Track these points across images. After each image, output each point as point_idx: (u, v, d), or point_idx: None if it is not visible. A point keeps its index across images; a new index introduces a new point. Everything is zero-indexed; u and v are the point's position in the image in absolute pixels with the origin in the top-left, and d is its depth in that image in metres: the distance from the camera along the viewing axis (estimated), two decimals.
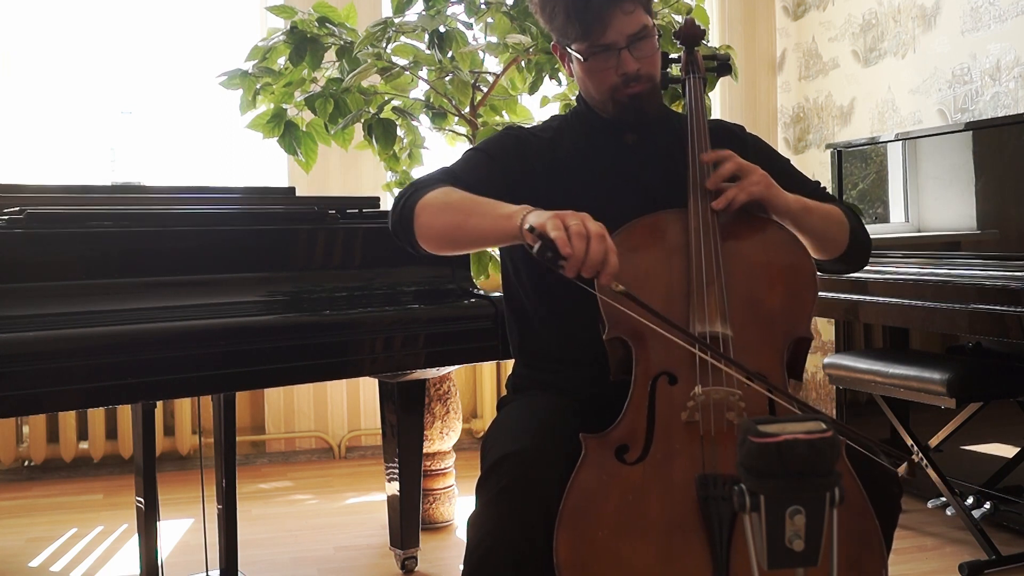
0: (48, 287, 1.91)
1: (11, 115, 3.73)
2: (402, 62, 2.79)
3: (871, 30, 3.76)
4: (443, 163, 1.69)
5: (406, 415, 2.54)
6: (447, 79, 2.82)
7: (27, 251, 1.90)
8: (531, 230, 1.34)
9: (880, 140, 3.26)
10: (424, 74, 2.89)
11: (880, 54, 3.72)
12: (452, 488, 3.05)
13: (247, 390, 3.44)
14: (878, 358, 2.87)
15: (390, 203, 1.69)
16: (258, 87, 2.86)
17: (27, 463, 3.73)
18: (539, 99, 3.06)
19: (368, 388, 3.93)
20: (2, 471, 3.69)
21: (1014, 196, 2.72)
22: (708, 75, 1.79)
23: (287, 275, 2.21)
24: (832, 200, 1.73)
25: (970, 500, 2.76)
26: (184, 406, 3.72)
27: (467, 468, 3.31)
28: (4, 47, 3.72)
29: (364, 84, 2.80)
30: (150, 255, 2.04)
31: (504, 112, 3.07)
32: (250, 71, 2.84)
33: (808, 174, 1.79)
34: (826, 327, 3.97)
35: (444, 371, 2.64)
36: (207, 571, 2.41)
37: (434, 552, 2.78)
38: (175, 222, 2.11)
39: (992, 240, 2.78)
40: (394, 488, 2.56)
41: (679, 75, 1.76)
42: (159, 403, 2.55)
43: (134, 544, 2.56)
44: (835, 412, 3.56)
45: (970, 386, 2.58)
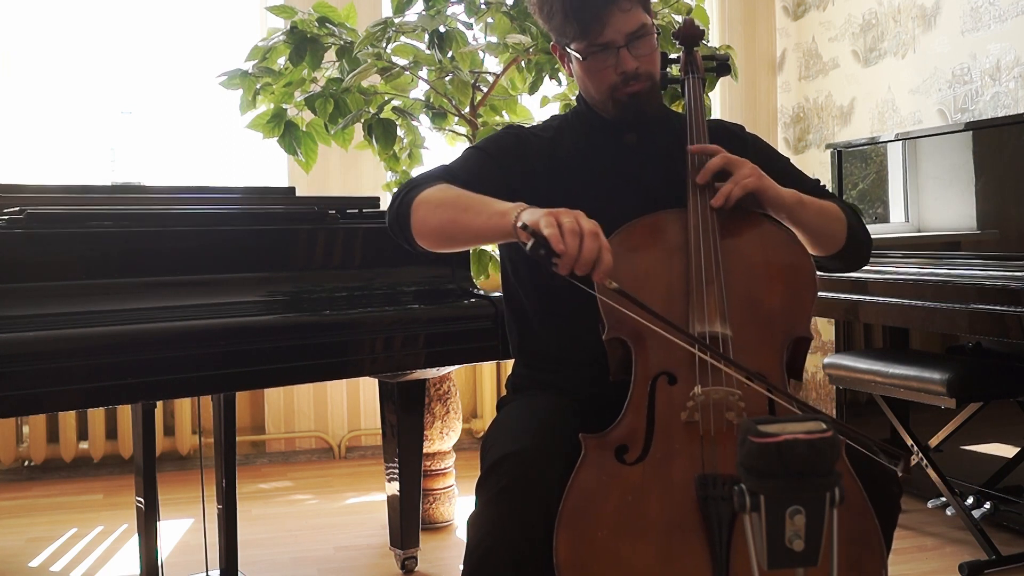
0: (48, 287, 1.91)
1: (11, 115, 3.73)
2: (402, 62, 2.79)
3: (871, 30, 3.76)
4: (443, 163, 1.69)
5: (406, 415, 2.54)
6: (447, 79, 2.82)
7: (27, 251, 1.90)
8: (524, 227, 1.33)
9: (880, 140, 3.26)
10: (424, 74, 2.89)
11: (880, 54, 3.72)
12: (452, 488, 3.05)
13: (247, 390, 3.44)
14: (878, 358, 2.87)
15: None
16: (258, 87, 2.86)
17: (27, 463, 3.73)
18: (539, 99, 3.07)
19: (368, 388, 3.93)
20: (2, 471, 3.69)
21: (1014, 196, 2.72)
22: (707, 75, 1.79)
23: (287, 275, 2.21)
24: (831, 197, 1.73)
25: (970, 500, 2.75)
26: (184, 406, 3.72)
27: (467, 468, 3.31)
28: (4, 47, 3.72)
29: (364, 84, 2.80)
30: (150, 255, 2.05)
31: (504, 112, 3.07)
32: (250, 71, 2.84)
33: (808, 174, 1.79)
34: (826, 327, 3.96)
35: (444, 371, 2.64)
36: (207, 571, 2.41)
37: (434, 552, 2.78)
38: (175, 222, 2.11)
39: (992, 240, 2.78)
40: (394, 488, 2.56)
41: (678, 75, 1.76)
42: (159, 403, 2.56)
43: (134, 544, 2.56)
44: (835, 412, 3.56)
45: (970, 386, 2.58)
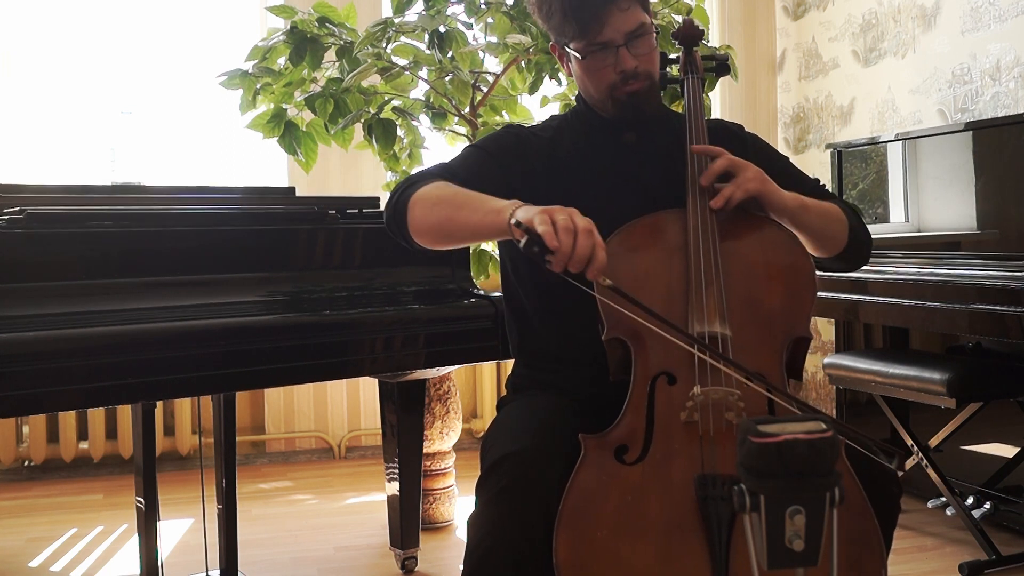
0: (48, 287, 1.91)
1: (11, 115, 3.73)
2: (402, 62, 2.79)
3: (871, 30, 3.76)
4: (442, 161, 1.69)
5: (406, 415, 2.54)
6: (447, 79, 2.82)
7: (27, 251, 1.90)
8: (517, 224, 1.33)
9: (880, 140, 3.26)
10: (424, 74, 2.89)
11: (880, 54, 3.72)
12: (452, 488, 3.05)
13: (247, 390, 3.44)
14: (878, 358, 2.87)
15: None
16: (258, 87, 2.86)
17: (27, 463, 3.73)
18: (539, 99, 3.07)
19: (368, 388, 3.93)
20: (2, 471, 3.69)
21: (1014, 196, 2.72)
22: (707, 75, 1.79)
23: (287, 275, 2.21)
24: (832, 198, 1.73)
25: (970, 500, 2.75)
26: (184, 406, 3.72)
27: (467, 468, 3.31)
28: (4, 47, 3.72)
29: (364, 84, 2.80)
30: (150, 255, 2.05)
31: (504, 112, 3.07)
32: (250, 71, 2.84)
33: (808, 174, 1.78)
34: (826, 327, 3.96)
35: (444, 371, 2.64)
36: (207, 571, 2.41)
37: (434, 552, 2.78)
38: (175, 222, 2.11)
39: (992, 240, 2.78)
40: (394, 488, 2.56)
41: (678, 75, 1.76)
42: (159, 403, 2.56)
43: (134, 544, 2.56)
44: (835, 412, 3.56)
45: (970, 386, 2.58)
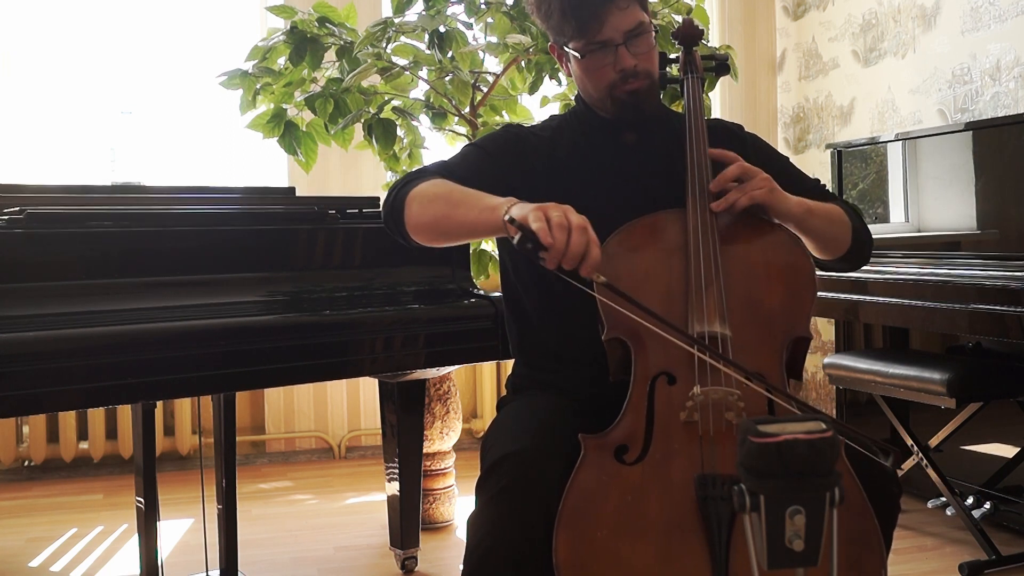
0: (48, 287, 1.91)
1: (11, 115, 3.73)
2: (402, 62, 2.79)
3: (871, 30, 3.76)
4: (441, 159, 1.69)
5: (406, 415, 2.54)
6: (447, 79, 2.82)
7: (27, 251, 1.90)
8: (511, 221, 1.34)
9: (880, 140, 3.26)
10: (424, 74, 2.89)
11: (880, 54, 3.72)
12: (452, 488, 3.05)
13: (247, 390, 3.44)
14: (878, 358, 2.87)
15: None
16: (258, 87, 2.86)
17: (27, 463, 3.73)
18: (539, 99, 3.07)
19: (368, 388, 3.93)
20: (2, 471, 3.69)
21: (1014, 196, 2.72)
22: (707, 75, 1.79)
23: (287, 275, 2.21)
24: (832, 198, 1.73)
25: (970, 500, 2.75)
26: (184, 406, 3.72)
27: (467, 468, 3.31)
28: (4, 47, 3.72)
29: (364, 84, 2.80)
30: (150, 255, 2.05)
31: (504, 112, 3.07)
32: (250, 71, 2.84)
33: (808, 174, 1.78)
34: (826, 327, 3.96)
35: (444, 371, 2.64)
36: (207, 571, 2.41)
37: (434, 552, 2.78)
38: (175, 222, 2.11)
39: (992, 240, 2.78)
40: (394, 488, 2.56)
41: (678, 75, 1.76)
42: (159, 403, 2.56)
43: (134, 544, 2.56)
44: (835, 412, 3.56)
45: (970, 386, 2.58)
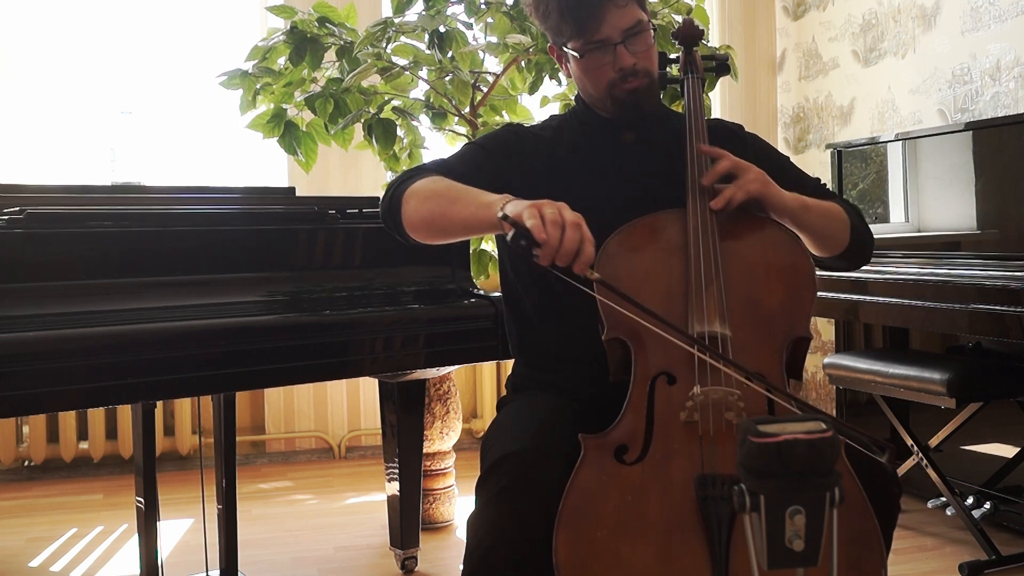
0: (48, 287, 1.91)
1: (11, 115, 3.73)
2: (402, 62, 2.79)
3: (871, 30, 3.76)
4: (440, 157, 1.70)
5: (406, 415, 2.54)
6: (447, 79, 2.82)
7: (27, 251, 1.90)
8: (505, 218, 1.34)
9: (880, 140, 3.26)
10: (424, 74, 2.89)
11: (880, 54, 3.72)
12: (452, 488, 3.05)
13: (247, 390, 3.44)
14: (878, 358, 2.87)
15: None
16: (258, 87, 2.86)
17: (27, 463, 3.73)
18: (539, 99, 3.07)
19: (368, 388, 3.93)
20: (2, 471, 3.69)
21: (1014, 196, 2.72)
22: (707, 75, 1.79)
23: (287, 275, 2.21)
24: (833, 197, 1.72)
25: (970, 500, 2.75)
26: (184, 406, 3.72)
27: (467, 468, 3.31)
28: (4, 47, 3.72)
29: (364, 84, 2.80)
30: (150, 255, 2.05)
31: (504, 112, 3.07)
32: (250, 71, 2.84)
33: (809, 174, 1.78)
34: (826, 327, 3.96)
35: (444, 371, 2.64)
36: (207, 571, 2.41)
37: (434, 552, 2.78)
38: (175, 222, 2.11)
39: (992, 240, 2.78)
40: (394, 488, 2.56)
41: (678, 75, 1.76)
42: (159, 403, 2.56)
43: (134, 544, 2.56)
44: (835, 412, 3.56)
45: (970, 386, 2.58)
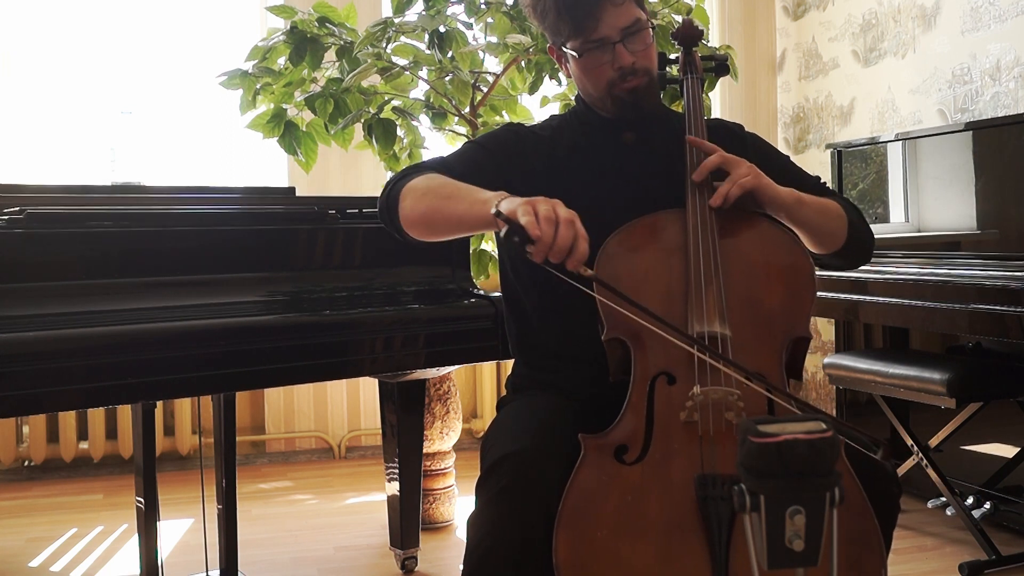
0: (48, 287, 1.91)
1: (11, 115, 3.73)
2: (402, 62, 2.79)
3: (871, 30, 3.76)
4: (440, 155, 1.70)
5: (406, 415, 2.54)
6: (447, 79, 2.82)
7: (27, 251, 1.90)
8: (499, 214, 1.34)
9: (880, 140, 3.26)
10: (424, 74, 2.89)
11: (880, 54, 3.72)
12: (452, 488, 3.05)
13: (247, 390, 3.44)
14: (878, 358, 2.87)
15: None
16: (258, 87, 2.86)
17: (27, 463, 3.73)
18: (539, 99, 3.07)
19: (368, 388, 3.93)
20: (2, 471, 3.69)
21: (1014, 196, 2.72)
22: (707, 75, 1.79)
23: (287, 275, 2.21)
24: (832, 195, 1.72)
25: (970, 500, 2.75)
26: (184, 406, 3.72)
27: (467, 468, 3.31)
28: (4, 47, 3.72)
29: (364, 84, 2.80)
30: (150, 255, 2.05)
31: (504, 112, 3.07)
32: (250, 71, 2.84)
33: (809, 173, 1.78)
34: (826, 327, 3.96)
35: (444, 371, 2.64)
36: (207, 571, 2.41)
37: (434, 552, 2.78)
38: (175, 222, 2.11)
39: (992, 240, 2.78)
40: (394, 488, 2.56)
41: (677, 75, 1.76)
42: (159, 403, 2.56)
43: (134, 544, 2.56)
44: (835, 412, 3.56)
45: (970, 386, 2.58)
